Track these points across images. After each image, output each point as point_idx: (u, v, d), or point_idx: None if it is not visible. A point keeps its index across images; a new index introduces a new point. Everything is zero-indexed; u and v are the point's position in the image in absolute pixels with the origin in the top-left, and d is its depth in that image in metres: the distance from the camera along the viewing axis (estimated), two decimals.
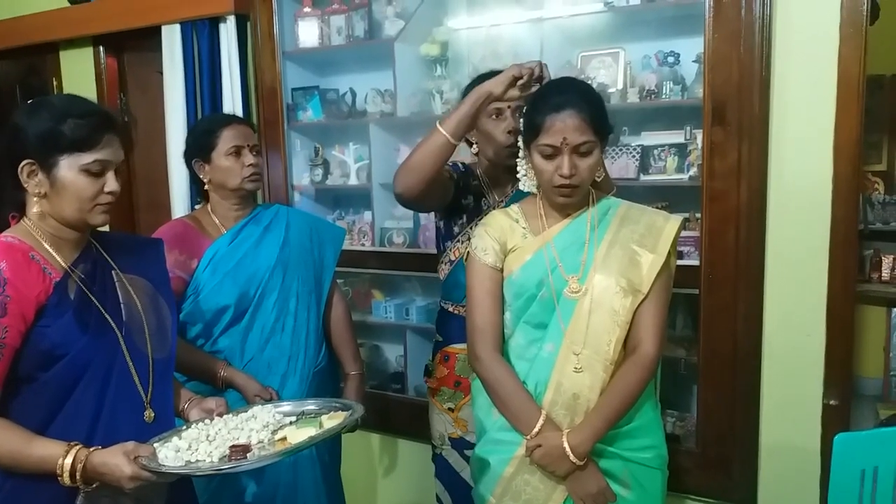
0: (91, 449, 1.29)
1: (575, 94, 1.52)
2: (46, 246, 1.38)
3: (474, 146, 1.93)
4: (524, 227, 1.64)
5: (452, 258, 1.95)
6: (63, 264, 1.38)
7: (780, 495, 2.09)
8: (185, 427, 1.45)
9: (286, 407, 1.60)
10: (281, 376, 1.95)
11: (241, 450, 1.35)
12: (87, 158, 1.34)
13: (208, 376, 1.88)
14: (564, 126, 1.48)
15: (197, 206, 2.21)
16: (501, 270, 1.64)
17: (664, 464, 1.64)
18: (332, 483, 2.10)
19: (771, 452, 2.09)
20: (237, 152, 1.92)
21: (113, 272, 1.47)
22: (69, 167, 1.34)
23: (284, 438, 1.44)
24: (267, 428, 1.46)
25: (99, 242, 1.49)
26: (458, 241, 1.93)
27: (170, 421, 1.48)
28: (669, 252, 1.59)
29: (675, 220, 1.62)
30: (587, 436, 1.49)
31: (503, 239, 1.64)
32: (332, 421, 1.50)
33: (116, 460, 1.27)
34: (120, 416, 1.39)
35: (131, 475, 1.26)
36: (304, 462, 1.95)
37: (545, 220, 1.63)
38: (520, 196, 1.75)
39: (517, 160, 1.66)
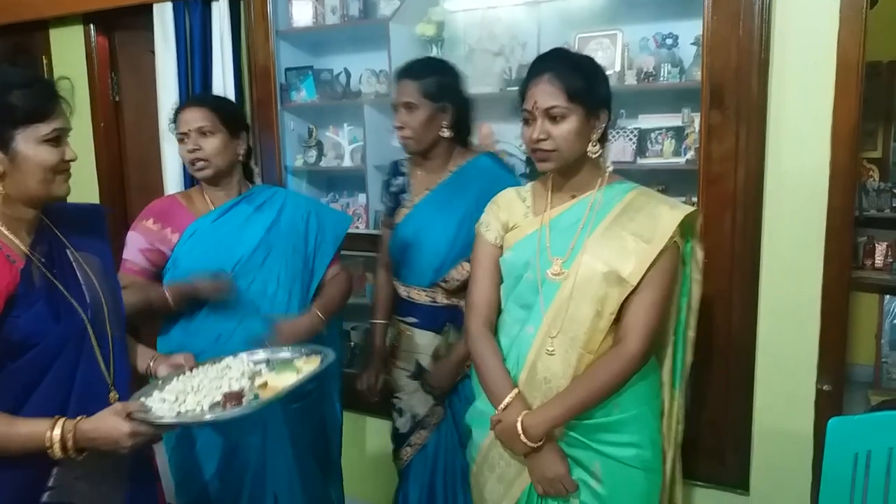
0: (77, 419, 1.27)
1: (554, 61, 1.52)
2: (4, 230, 1.32)
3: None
4: (528, 207, 1.64)
5: None
6: (23, 249, 1.33)
7: (772, 480, 2.09)
8: (159, 382, 1.45)
9: (260, 354, 1.62)
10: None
11: (235, 396, 1.35)
12: (45, 129, 1.28)
13: (159, 304, 1.83)
14: (537, 90, 1.49)
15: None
16: (502, 248, 1.64)
17: (648, 466, 1.57)
18: (309, 471, 2.03)
19: (764, 438, 2.10)
20: (183, 139, 1.89)
21: (68, 251, 1.42)
22: (27, 140, 1.27)
23: (265, 384, 1.46)
24: (244, 375, 1.47)
25: (48, 217, 1.42)
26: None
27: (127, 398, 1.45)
28: (677, 242, 1.52)
29: (682, 209, 1.52)
30: (542, 419, 1.48)
31: (505, 217, 1.64)
32: (308, 366, 1.52)
33: (110, 422, 1.26)
34: (88, 401, 1.34)
35: (130, 431, 1.25)
36: (274, 445, 1.92)
37: (550, 200, 1.61)
38: (455, 184, 1.97)
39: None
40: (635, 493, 1.56)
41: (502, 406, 1.53)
